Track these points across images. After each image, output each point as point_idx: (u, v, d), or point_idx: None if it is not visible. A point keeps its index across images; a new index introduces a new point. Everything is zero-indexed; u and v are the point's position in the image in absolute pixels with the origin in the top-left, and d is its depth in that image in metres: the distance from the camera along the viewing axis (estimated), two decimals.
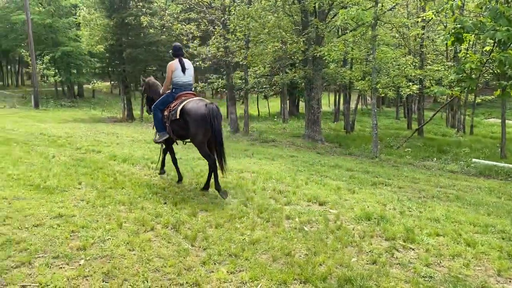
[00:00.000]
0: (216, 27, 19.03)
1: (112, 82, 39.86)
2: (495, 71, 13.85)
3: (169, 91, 6.69)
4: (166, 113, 6.54)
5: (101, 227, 4.62)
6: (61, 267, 3.68)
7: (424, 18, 12.86)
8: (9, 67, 54.60)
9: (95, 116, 27.43)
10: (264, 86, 25.89)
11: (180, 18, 20.12)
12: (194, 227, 4.78)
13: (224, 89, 22.87)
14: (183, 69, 6.55)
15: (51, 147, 10.12)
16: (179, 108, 6.21)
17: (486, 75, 19.63)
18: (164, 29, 23.60)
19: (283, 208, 5.72)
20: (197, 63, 19.55)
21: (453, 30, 5.95)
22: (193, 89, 6.80)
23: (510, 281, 3.97)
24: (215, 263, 3.92)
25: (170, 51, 6.84)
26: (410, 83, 15.80)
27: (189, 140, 6.50)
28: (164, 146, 7.24)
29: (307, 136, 16.95)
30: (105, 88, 45.72)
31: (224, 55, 18.60)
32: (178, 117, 6.20)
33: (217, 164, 6.16)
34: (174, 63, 6.56)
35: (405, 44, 20.64)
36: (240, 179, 7.45)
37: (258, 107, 35.73)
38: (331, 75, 20.87)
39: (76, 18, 31.90)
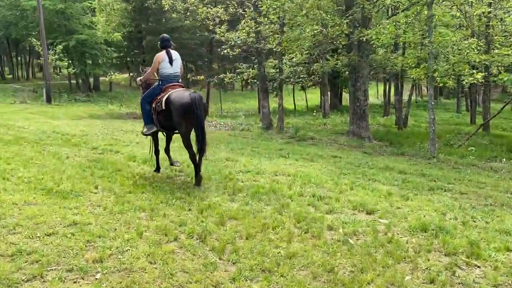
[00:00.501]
0: (246, 9, 19.12)
1: (131, 74, 40.72)
2: None
3: (157, 83, 7.54)
4: (153, 105, 7.32)
5: (120, 236, 4.72)
6: (76, 281, 3.77)
7: None
8: (19, 58, 56.61)
9: (112, 111, 28.07)
10: (301, 76, 25.83)
11: (205, 0, 20.31)
12: (222, 238, 4.80)
13: (255, 80, 22.93)
14: (170, 61, 7.40)
15: (65, 147, 10.42)
16: (164, 98, 7.02)
17: None
18: (188, 13, 23.92)
19: (325, 217, 5.67)
20: (225, 51, 19.71)
21: None
22: (180, 80, 7.66)
23: None
24: (246, 280, 3.92)
25: (158, 42, 7.65)
26: (474, 71, 15.30)
27: (177, 131, 7.36)
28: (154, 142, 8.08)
29: (352, 133, 16.77)
30: (124, 81, 46.90)
31: (256, 41, 18.65)
32: (163, 107, 7.00)
33: (197, 152, 6.93)
34: (162, 55, 7.39)
35: (467, 24, 20.03)
36: (274, 183, 7.44)
37: (294, 100, 35.66)
38: (379, 62, 20.56)
39: (90, 3, 32.75)
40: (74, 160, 8.80)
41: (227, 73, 22.29)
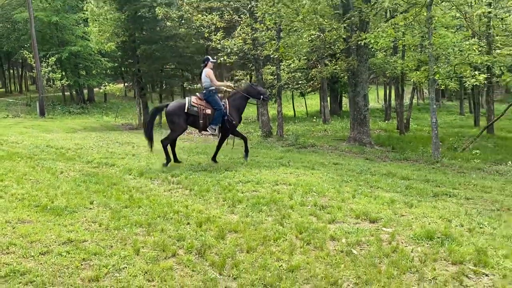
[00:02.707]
0: (242, 16, 19.20)
1: (126, 84, 40.71)
2: None
3: None
4: None
5: (116, 253, 4.68)
6: None
7: None
8: (11, 71, 56.62)
9: (107, 123, 28.13)
10: (300, 82, 25.86)
11: (200, 8, 20.40)
12: (222, 252, 4.77)
13: None
14: (200, 78, 10.28)
15: (59, 161, 10.41)
16: None
17: None
18: (183, 21, 24.03)
19: (327, 227, 5.64)
20: (221, 59, 19.73)
21: None
22: (204, 91, 10.03)
23: None
24: None
25: None
26: (476, 72, 15.35)
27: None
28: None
29: (353, 139, 16.76)
30: (118, 91, 46.93)
31: (252, 48, 18.69)
32: None
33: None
34: None
35: (468, 25, 20.11)
36: (274, 192, 7.40)
37: (293, 106, 35.69)
38: (379, 65, 20.66)
39: (84, 13, 32.77)
40: (69, 175, 8.79)
41: (224, 81, 22.24)
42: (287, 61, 19.19)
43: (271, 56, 17.78)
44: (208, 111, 9.84)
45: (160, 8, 21.57)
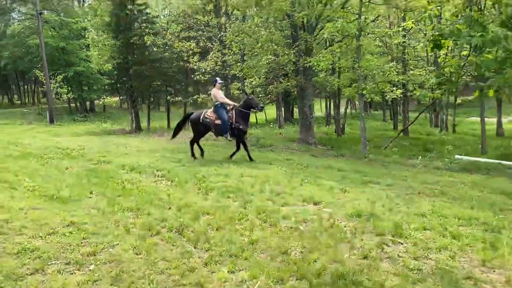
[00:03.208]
0: (213, 43, 19.09)
1: (120, 97, 39.81)
2: (473, 74, 13.85)
3: None
4: None
5: (110, 233, 4.56)
6: (72, 273, 3.62)
7: (405, 27, 12.84)
8: (26, 86, 54.78)
9: (106, 129, 27.34)
10: (260, 95, 25.88)
11: (180, 37, 20.18)
12: (197, 230, 4.72)
13: None
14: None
15: (65, 159, 10.03)
16: None
17: (465, 77, 19.62)
18: (167, 47, 23.69)
19: (280, 209, 5.66)
20: (197, 77, 19.60)
21: (432, 37, 5.91)
22: (214, 105, 10.02)
23: (493, 271, 3.91)
24: (216, 264, 3.86)
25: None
26: (394, 88, 15.74)
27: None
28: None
29: (301, 140, 16.85)
30: (114, 103, 45.76)
31: (222, 68, 18.62)
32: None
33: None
34: None
35: (388, 52, 20.65)
36: (239, 183, 7.37)
37: (256, 114, 35.61)
38: (321, 83, 20.88)
39: (86, 40, 31.94)
40: (73, 170, 8.49)
41: (200, 95, 22.09)
42: (250, 79, 19.17)
43: (237, 75, 17.77)
44: (218, 122, 9.90)
45: (148, 36, 21.20)
